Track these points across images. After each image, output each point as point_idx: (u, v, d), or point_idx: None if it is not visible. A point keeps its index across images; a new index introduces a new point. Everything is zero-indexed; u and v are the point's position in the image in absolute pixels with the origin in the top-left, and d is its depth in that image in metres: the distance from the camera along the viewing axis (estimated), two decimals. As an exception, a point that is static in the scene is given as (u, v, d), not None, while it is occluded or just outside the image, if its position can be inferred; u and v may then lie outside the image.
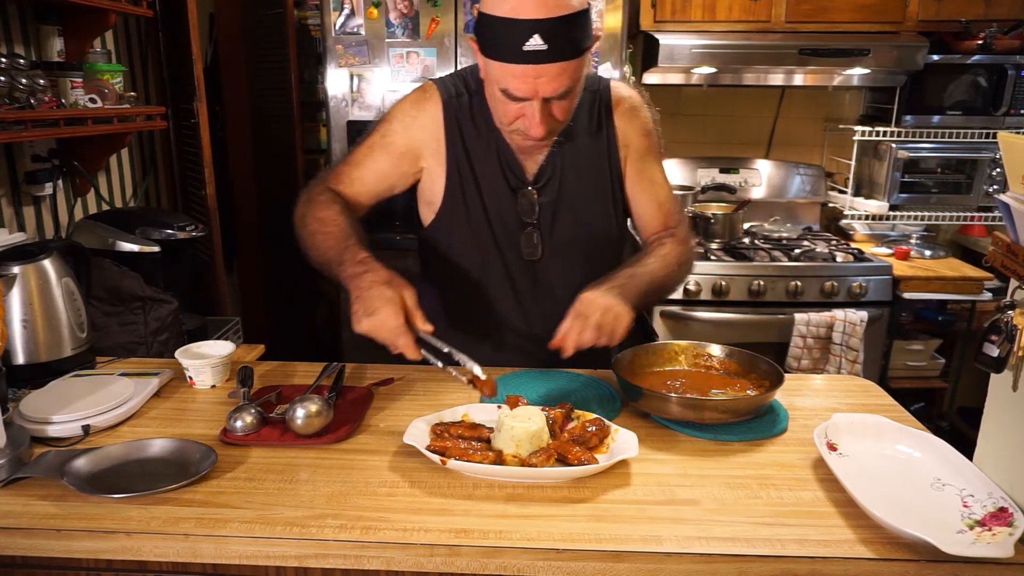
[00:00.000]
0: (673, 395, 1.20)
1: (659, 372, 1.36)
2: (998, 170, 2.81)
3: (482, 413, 1.19)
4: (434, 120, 1.34)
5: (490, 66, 1.21)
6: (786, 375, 1.24)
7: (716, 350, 1.37)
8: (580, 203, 1.40)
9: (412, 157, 1.36)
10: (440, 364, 1.17)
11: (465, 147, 1.34)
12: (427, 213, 1.42)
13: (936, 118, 2.82)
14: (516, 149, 1.36)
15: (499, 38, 1.16)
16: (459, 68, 1.44)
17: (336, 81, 2.38)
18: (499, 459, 1.06)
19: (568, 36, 1.16)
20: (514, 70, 1.17)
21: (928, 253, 2.84)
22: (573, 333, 1.16)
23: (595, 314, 1.16)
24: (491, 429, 1.13)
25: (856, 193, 3.04)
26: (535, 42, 1.13)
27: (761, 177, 3.14)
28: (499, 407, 1.20)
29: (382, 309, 1.09)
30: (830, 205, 3.16)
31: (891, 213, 2.88)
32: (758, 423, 1.22)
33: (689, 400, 1.19)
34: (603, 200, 1.42)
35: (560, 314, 1.19)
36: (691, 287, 2.54)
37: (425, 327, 1.13)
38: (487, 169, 1.36)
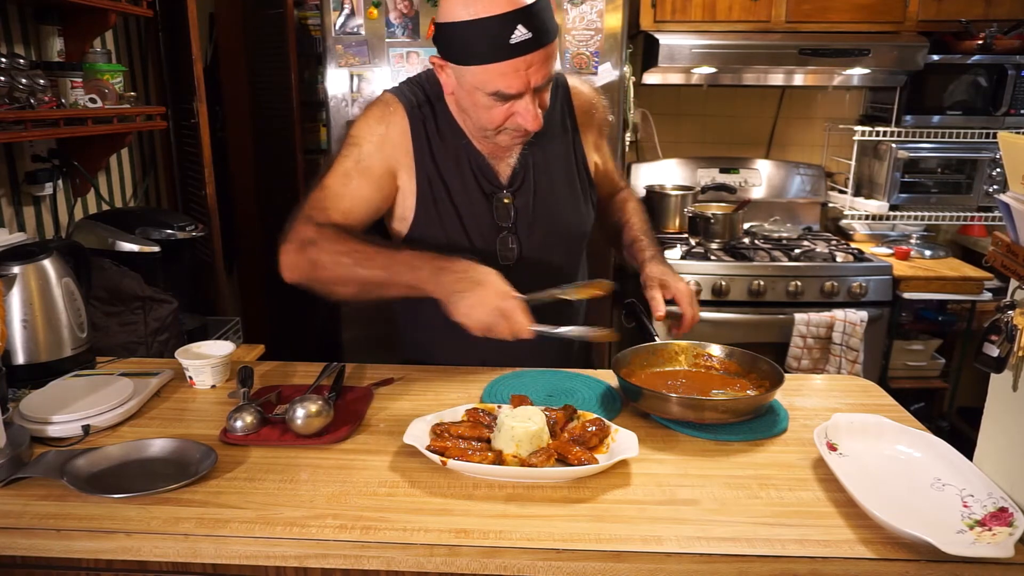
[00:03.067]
0: (673, 395, 1.20)
1: (659, 372, 1.36)
2: (998, 170, 2.81)
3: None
4: (402, 133, 1.30)
5: (469, 74, 1.18)
6: (786, 375, 1.24)
7: (716, 350, 1.37)
8: (555, 204, 1.39)
9: (390, 177, 1.32)
10: (555, 330, 1.20)
11: (433, 156, 1.32)
12: (400, 227, 1.38)
13: (936, 118, 2.82)
14: (488, 154, 1.34)
15: (477, 41, 1.13)
16: (410, 76, 1.41)
17: (336, 81, 2.38)
18: (499, 459, 1.06)
19: (546, 18, 1.15)
20: (503, 68, 1.14)
21: (928, 253, 2.84)
22: (696, 314, 1.36)
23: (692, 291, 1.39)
24: (491, 429, 1.13)
25: (856, 193, 3.04)
26: (520, 32, 1.12)
27: (761, 177, 3.14)
28: (499, 407, 1.20)
29: (485, 303, 1.13)
30: (830, 205, 3.16)
31: (891, 213, 2.88)
32: (758, 423, 1.22)
33: (689, 400, 1.19)
34: (575, 198, 1.42)
35: (537, 310, 1.20)
36: (691, 287, 2.53)
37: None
38: (458, 177, 1.33)
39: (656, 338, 1.41)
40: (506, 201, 1.35)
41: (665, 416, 1.21)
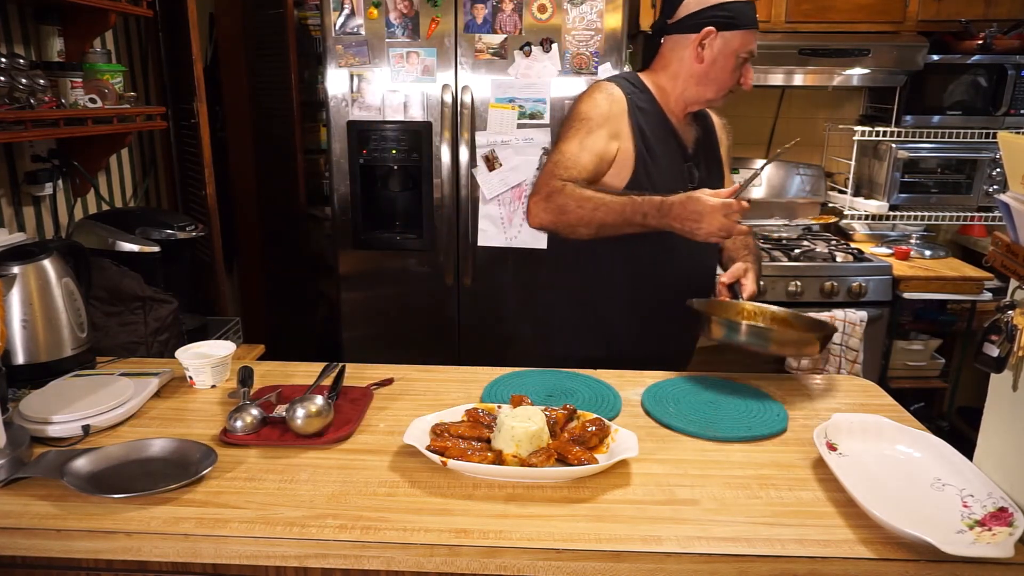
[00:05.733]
0: (743, 322, 1.31)
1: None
2: (998, 170, 2.80)
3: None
4: (622, 110, 1.55)
5: (735, 39, 1.51)
6: (786, 375, 1.25)
7: (773, 309, 1.52)
8: (710, 174, 1.67)
9: (613, 144, 1.54)
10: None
11: (643, 129, 1.56)
12: (616, 183, 1.57)
13: (936, 118, 2.82)
14: (680, 131, 1.62)
15: (741, 12, 1.51)
16: (611, 76, 1.65)
17: (336, 81, 2.38)
18: (499, 459, 1.06)
19: None
20: (754, 33, 1.53)
21: (928, 253, 2.84)
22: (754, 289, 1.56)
23: None
24: (491, 429, 1.13)
25: (856, 193, 3.04)
26: (751, 6, 1.52)
27: (761, 177, 3.14)
28: (499, 407, 1.20)
29: (707, 213, 1.36)
30: (830, 205, 3.16)
31: (891, 213, 2.88)
32: (758, 423, 1.22)
33: (754, 328, 1.37)
34: (720, 170, 1.71)
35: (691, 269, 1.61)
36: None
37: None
38: (663, 145, 1.58)
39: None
40: (691, 166, 1.63)
41: (732, 344, 1.35)
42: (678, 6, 1.56)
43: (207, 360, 1.36)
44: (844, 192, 3.04)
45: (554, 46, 2.30)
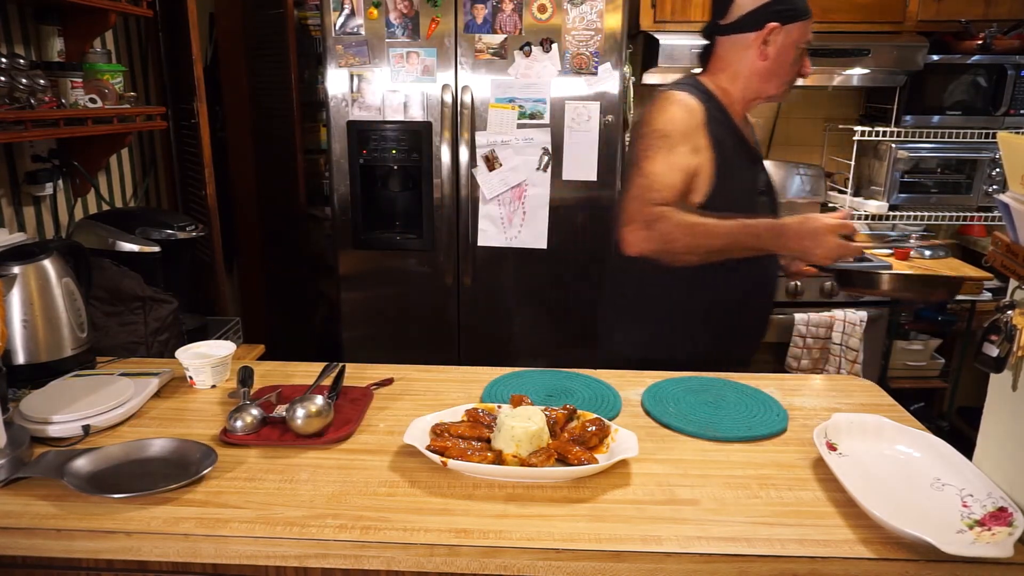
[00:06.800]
0: (884, 272, 1.38)
1: None
2: (998, 170, 2.80)
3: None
4: (700, 122, 1.52)
5: (796, 31, 1.51)
6: (786, 375, 1.25)
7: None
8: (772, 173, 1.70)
9: (695, 158, 1.50)
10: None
11: (718, 138, 1.54)
12: (696, 198, 1.54)
13: (936, 118, 2.82)
14: (743, 130, 1.61)
15: (798, 2, 1.50)
16: (671, 82, 1.63)
17: (336, 81, 2.38)
18: (499, 459, 1.06)
19: None
20: (809, 22, 1.52)
21: (928, 253, 2.84)
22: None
23: None
24: (491, 429, 1.13)
25: (856, 193, 3.04)
26: None
27: (761, 177, 3.14)
28: (499, 407, 1.20)
29: (823, 234, 1.38)
30: (830, 205, 3.16)
31: (891, 213, 2.88)
32: (758, 423, 1.22)
33: (896, 275, 1.47)
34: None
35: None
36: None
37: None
38: (736, 154, 1.57)
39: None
40: (760, 171, 1.64)
41: (872, 293, 1.44)
42: (729, 6, 1.54)
43: (207, 360, 1.36)
44: (844, 192, 3.04)
45: (554, 46, 2.30)
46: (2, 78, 1.61)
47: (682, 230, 1.41)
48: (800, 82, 3.11)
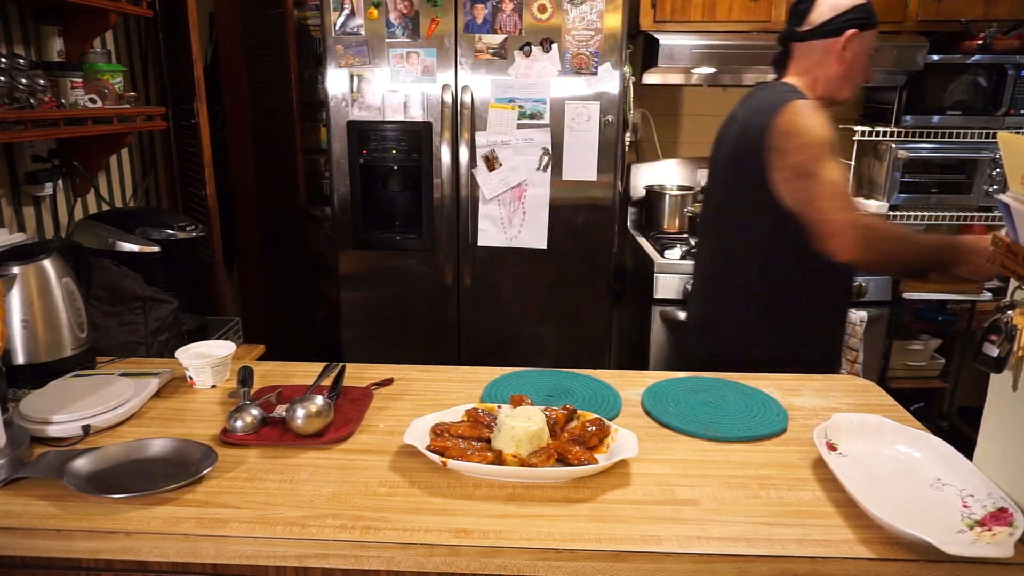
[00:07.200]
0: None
1: None
2: (998, 170, 2.80)
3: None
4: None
5: (867, 38, 1.59)
6: (786, 375, 1.25)
7: None
8: None
9: None
10: None
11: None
12: None
13: (936, 118, 2.82)
14: None
15: (871, 11, 1.59)
16: (773, 89, 1.66)
17: (336, 81, 2.38)
18: (499, 459, 1.06)
19: None
20: (877, 29, 1.61)
21: (928, 253, 2.84)
22: None
23: None
24: (491, 429, 1.13)
25: (856, 193, 3.03)
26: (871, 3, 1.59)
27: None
28: (499, 407, 1.20)
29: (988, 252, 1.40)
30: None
31: (891, 213, 2.88)
32: (758, 423, 1.22)
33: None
34: None
35: None
36: (691, 287, 2.53)
37: None
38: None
39: None
40: None
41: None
42: (807, 14, 1.60)
43: (207, 360, 1.36)
44: (844, 192, 3.03)
45: (554, 46, 2.30)
46: (2, 78, 1.61)
47: (892, 244, 1.47)
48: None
